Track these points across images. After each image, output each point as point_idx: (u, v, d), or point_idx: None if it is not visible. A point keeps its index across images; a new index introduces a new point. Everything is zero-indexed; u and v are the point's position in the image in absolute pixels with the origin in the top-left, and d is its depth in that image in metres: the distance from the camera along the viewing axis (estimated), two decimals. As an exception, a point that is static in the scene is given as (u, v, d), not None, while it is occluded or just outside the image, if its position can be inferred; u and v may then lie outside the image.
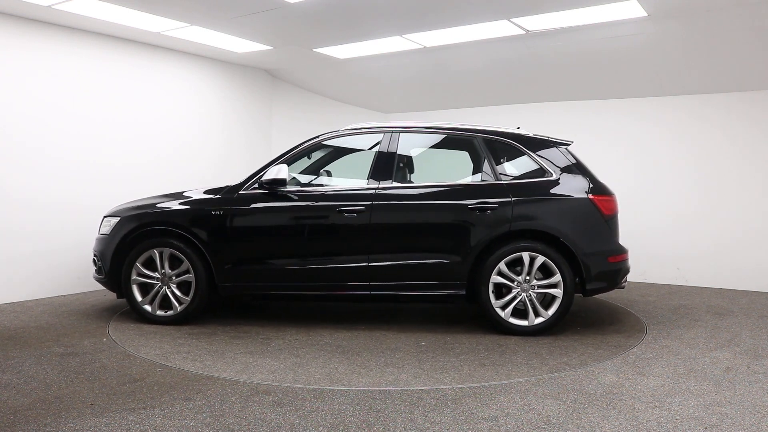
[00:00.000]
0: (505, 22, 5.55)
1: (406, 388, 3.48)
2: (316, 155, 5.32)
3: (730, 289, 6.71)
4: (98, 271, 5.21)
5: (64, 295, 6.07)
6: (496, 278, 4.65)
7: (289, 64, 7.55)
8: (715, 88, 6.77)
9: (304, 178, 5.37)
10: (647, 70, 6.56)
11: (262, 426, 2.94)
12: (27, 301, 5.76)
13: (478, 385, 3.56)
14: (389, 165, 4.92)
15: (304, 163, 5.25)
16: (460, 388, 3.50)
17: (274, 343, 4.50)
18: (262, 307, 5.79)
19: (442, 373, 3.77)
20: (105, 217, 5.26)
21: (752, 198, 6.68)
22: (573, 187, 4.74)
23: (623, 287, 4.92)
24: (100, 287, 6.28)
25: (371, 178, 4.90)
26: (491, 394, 3.41)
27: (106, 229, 5.13)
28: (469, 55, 6.65)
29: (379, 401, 3.27)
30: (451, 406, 3.21)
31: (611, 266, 4.70)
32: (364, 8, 5.31)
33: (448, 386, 3.52)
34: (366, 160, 5.06)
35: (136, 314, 5.08)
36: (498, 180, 4.80)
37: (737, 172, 6.75)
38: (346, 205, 4.79)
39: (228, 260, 4.86)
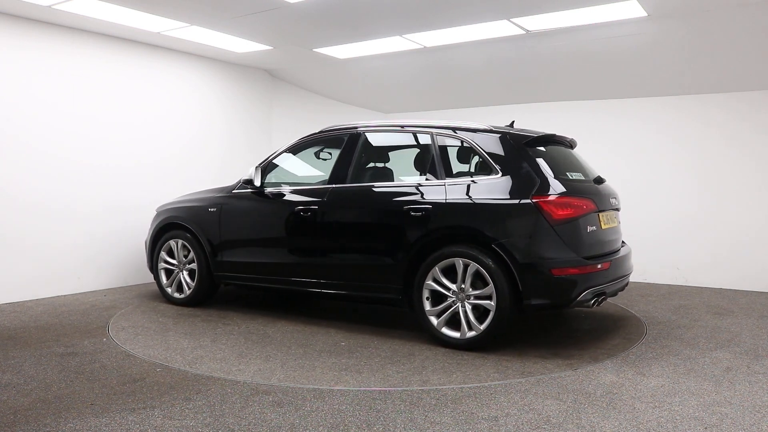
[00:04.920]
0: (505, 22, 5.55)
1: (406, 388, 3.48)
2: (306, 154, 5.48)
3: (730, 289, 6.70)
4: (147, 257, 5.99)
5: (64, 295, 6.07)
6: (430, 284, 4.34)
7: (289, 64, 7.55)
8: (715, 88, 6.77)
9: (300, 179, 5.48)
10: (647, 70, 6.56)
11: (262, 426, 2.94)
12: (27, 301, 5.76)
13: (479, 385, 3.56)
14: (345, 165, 4.92)
15: (303, 163, 5.48)
16: (461, 388, 3.50)
17: (222, 329, 4.85)
18: (292, 300, 5.96)
19: (303, 371, 3.77)
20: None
21: (752, 198, 6.67)
22: (517, 187, 4.19)
23: (590, 306, 4.20)
24: (100, 288, 6.42)
25: (329, 179, 4.97)
26: (491, 394, 3.41)
27: (152, 221, 5.91)
28: (469, 55, 6.65)
29: (379, 401, 3.28)
30: (451, 406, 3.21)
31: (556, 280, 4.04)
32: (364, 8, 5.31)
33: (448, 386, 3.52)
34: (337, 161, 5.08)
35: (162, 296, 5.87)
36: (440, 179, 4.48)
37: (737, 172, 6.75)
38: (302, 205, 4.96)
39: (218, 252, 5.40)
